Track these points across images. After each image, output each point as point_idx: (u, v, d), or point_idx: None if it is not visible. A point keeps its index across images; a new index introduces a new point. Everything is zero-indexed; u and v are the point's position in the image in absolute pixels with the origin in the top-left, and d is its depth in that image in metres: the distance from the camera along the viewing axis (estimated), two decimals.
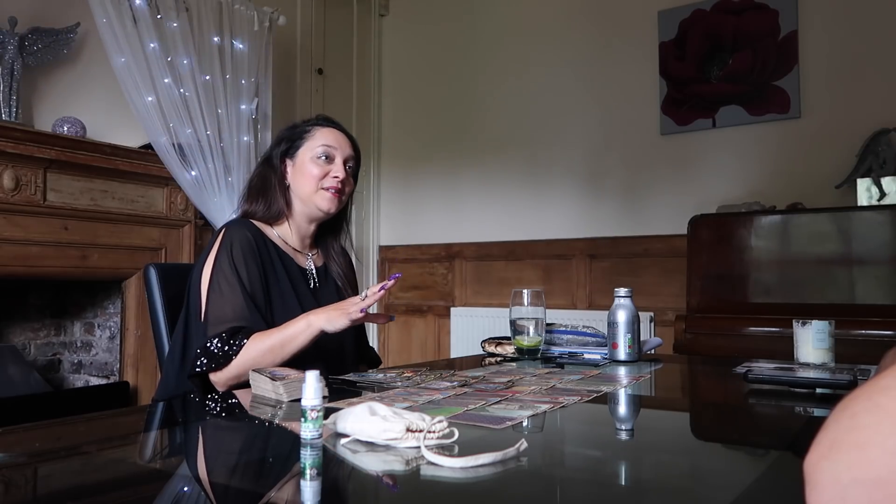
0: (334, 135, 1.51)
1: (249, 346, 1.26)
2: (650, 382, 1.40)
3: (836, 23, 3.07)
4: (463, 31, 4.08)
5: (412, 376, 1.25)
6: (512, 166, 3.86)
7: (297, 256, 1.51)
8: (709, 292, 2.78)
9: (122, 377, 2.86)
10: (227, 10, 3.08)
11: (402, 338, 4.17)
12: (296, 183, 1.49)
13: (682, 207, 3.22)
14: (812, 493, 0.40)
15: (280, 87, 3.48)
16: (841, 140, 2.99)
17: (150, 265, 1.55)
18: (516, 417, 0.91)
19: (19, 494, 0.69)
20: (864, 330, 2.37)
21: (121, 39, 2.65)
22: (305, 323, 1.27)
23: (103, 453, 0.85)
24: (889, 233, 2.53)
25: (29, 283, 2.81)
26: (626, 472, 0.76)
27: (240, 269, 1.35)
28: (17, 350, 2.75)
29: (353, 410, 0.81)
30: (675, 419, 1.13)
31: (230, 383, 1.27)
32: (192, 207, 2.98)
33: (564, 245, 3.67)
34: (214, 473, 0.76)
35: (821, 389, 1.18)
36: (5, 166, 2.38)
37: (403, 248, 4.22)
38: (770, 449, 0.86)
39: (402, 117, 4.30)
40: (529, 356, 1.58)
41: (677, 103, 3.40)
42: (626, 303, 1.58)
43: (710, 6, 3.35)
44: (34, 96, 2.66)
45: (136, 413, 1.57)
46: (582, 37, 3.68)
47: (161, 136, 2.75)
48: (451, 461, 0.69)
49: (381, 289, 1.27)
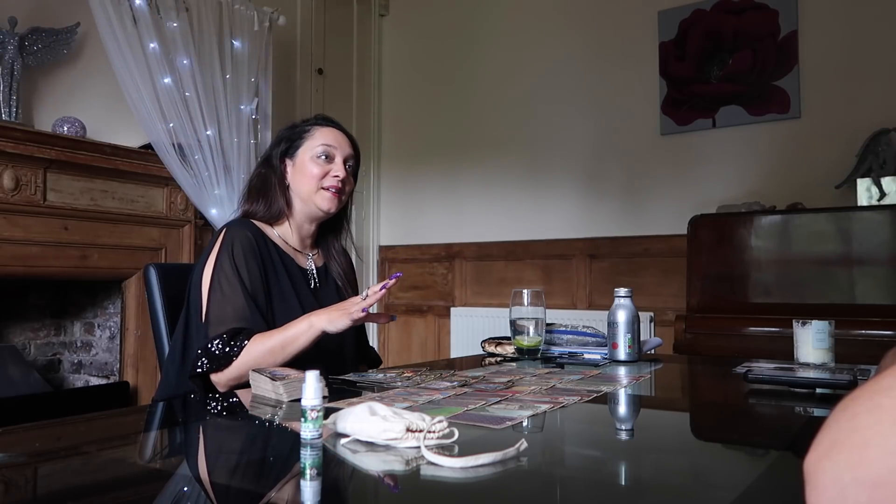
0: (334, 134, 1.51)
1: (250, 347, 1.26)
2: (650, 382, 1.40)
3: (836, 23, 3.07)
4: (463, 31, 4.08)
5: (412, 376, 1.25)
6: (512, 166, 3.86)
7: (297, 256, 1.51)
8: (709, 292, 2.78)
9: (122, 377, 2.87)
10: (227, 10, 3.08)
11: (402, 338, 4.17)
12: (296, 183, 1.49)
13: (682, 207, 3.22)
14: (812, 493, 0.40)
15: (280, 87, 3.48)
16: (841, 140, 2.99)
17: (150, 265, 1.55)
18: (516, 417, 0.91)
19: (19, 494, 0.69)
20: (864, 330, 2.37)
21: (121, 39, 2.65)
22: (307, 324, 1.27)
23: (103, 453, 0.85)
24: (889, 233, 2.53)
25: (29, 283, 2.81)
26: (626, 472, 0.76)
27: (241, 269, 1.35)
28: (17, 350, 2.75)
29: (353, 410, 0.81)
30: (675, 419, 1.13)
31: (231, 384, 1.28)
32: (192, 207, 2.98)
33: (564, 245, 3.67)
34: (214, 473, 0.76)
35: (821, 389, 1.18)
36: (5, 166, 2.38)
37: (403, 248, 4.22)
38: (770, 449, 0.86)
39: (402, 117, 4.30)
40: (529, 356, 1.58)
41: (677, 103, 3.40)
42: (626, 303, 1.58)
43: (710, 6, 3.35)
44: (34, 96, 2.66)
45: (136, 413, 1.57)
46: (582, 37, 3.68)
47: (161, 136, 2.75)
48: (451, 461, 0.69)
49: (381, 288, 1.27)
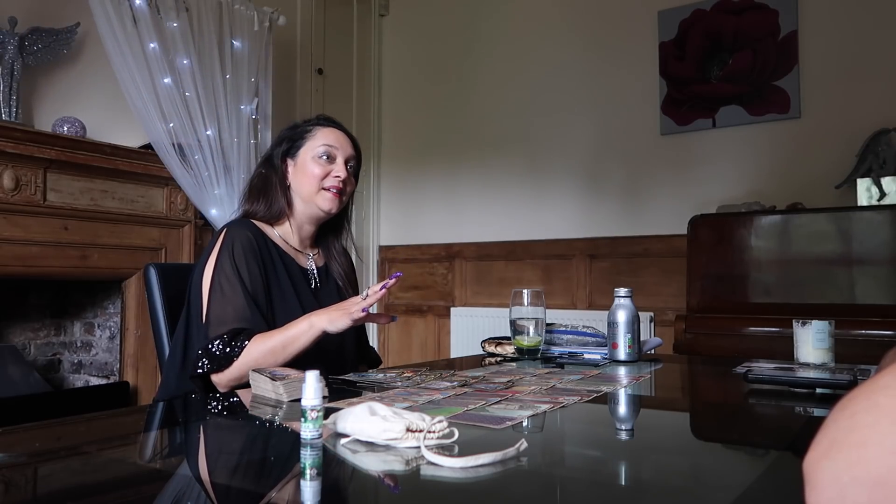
0: (335, 134, 1.51)
1: (251, 348, 1.26)
2: (650, 382, 1.40)
3: (836, 23, 3.07)
4: (463, 30, 4.08)
5: (412, 376, 1.25)
6: (512, 166, 3.86)
7: (298, 256, 1.51)
8: (709, 292, 2.78)
9: (122, 377, 2.87)
10: (227, 10, 3.08)
11: (402, 338, 4.17)
12: (297, 183, 1.49)
13: (682, 207, 3.22)
14: (812, 493, 0.40)
15: (280, 87, 3.48)
16: (841, 140, 2.99)
17: (150, 265, 1.55)
18: (516, 417, 0.91)
19: (19, 494, 0.69)
20: (864, 330, 2.37)
21: (121, 39, 2.65)
22: (307, 324, 1.27)
23: (103, 453, 0.85)
24: (889, 233, 2.53)
25: (29, 283, 2.81)
26: (626, 472, 0.76)
27: (241, 269, 1.35)
28: (17, 350, 2.75)
29: (353, 410, 0.81)
30: (675, 419, 1.13)
31: (232, 384, 1.28)
32: (192, 207, 2.98)
33: (564, 245, 3.67)
34: (214, 473, 0.76)
35: (821, 389, 1.18)
36: (5, 166, 2.38)
37: (403, 248, 4.22)
38: (770, 449, 0.86)
39: (402, 117, 4.30)
40: (529, 356, 1.58)
41: (677, 103, 3.40)
42: (626, 303, 1.58)
43: (710, 6, 3.35)
44: (34, 96, 2.66)
45: (136, 413, 1.57)
46: (582, 36, 3.68)
47: (161, 136, 2.75)
48: (451, 461, 0.69)
49: (381, 288, 1.27)
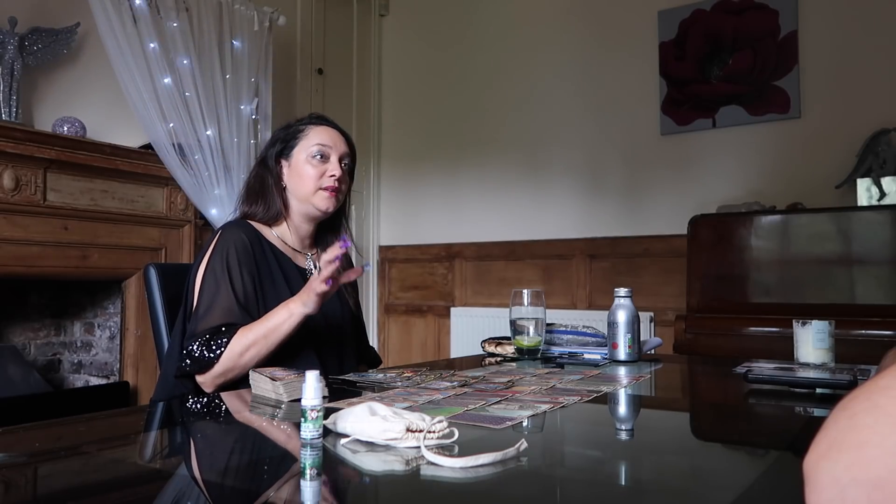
0: (328, 133, 1.50)
1: (234, 343, 1.26)
2: (650, 382, 1.40)
3: (836, 23, 3.07)
4: (463, 30, 4.08)
5: (412, 376, 1.25)
6: (512, 166, 3.85)
7: (296, 256, 1.50)
8: (709, 292, 2.78)
9: (122, 377, 2.86)
10: (227, 10, 3.08)
11: (402, 338, 4.17)
12: (293, 184, 1.48)
13: (682, 207, 3.22)
14: (811, 493, 0.40)
15: (280, 87, 3.48)
16: (841, 140, 2.99)
17: (150, 265, 1.55)
18: (516, 417, 0.91)
19: (19, 494, 0.69)
20: (864, 330, 2.37)
21: (121, 39, 2.65)
22: (287, 311, 1.28)
23: (103, 453, 0.85)
24: (889, 233, 2.53)
25: (29, 283, 2.81)
26: (626, 472, 0.76)
27: (232, 269, 1.35)
28: (17, 350, 2.75)
29: (353, 410, 0.81)
30: (675, 419, 1.13)
31: (217, 382, 1.27)
32: (192, 207, 2.98)
33: (564, 245, 3.67)
34: (214, 473, 0.76)
35: (821, 389, 1.18)
36: (5, 166, 2.38)
37: (403, 248, 4.22)
38: (770, 449, 0.86)
39: (402, 117, 4.29)
40: (529, 356, 1.58)
41: (677, 103, 3.40)
42: (626, 303, 1.58)
43: (710, 6, 3.35)
44: (34, 96, 2.66)
45: (136, 413, 1.57)
46: (582, 37, 3.68)
47: (161, 136, 2.75)
48: (451, 461, 0.69)
49: (334, 259, 1.25)
